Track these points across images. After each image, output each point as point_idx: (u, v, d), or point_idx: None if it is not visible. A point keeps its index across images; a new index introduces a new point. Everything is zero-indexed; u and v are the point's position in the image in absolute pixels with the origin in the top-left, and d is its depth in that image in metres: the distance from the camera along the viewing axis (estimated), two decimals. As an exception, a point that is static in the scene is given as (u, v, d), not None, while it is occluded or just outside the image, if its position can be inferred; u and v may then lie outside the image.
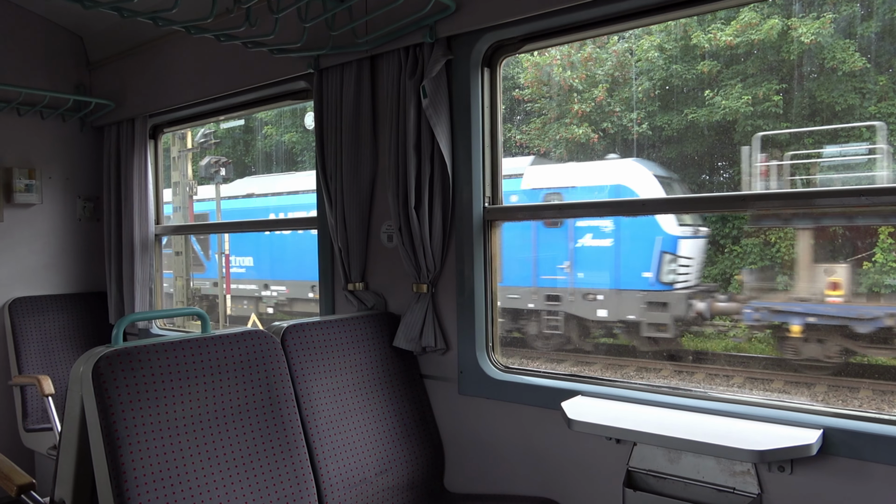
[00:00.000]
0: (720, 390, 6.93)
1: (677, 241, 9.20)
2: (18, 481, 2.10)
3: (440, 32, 2.67)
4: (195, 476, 1.99)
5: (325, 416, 2.47)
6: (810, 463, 2.02)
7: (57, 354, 4.23)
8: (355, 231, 3.03)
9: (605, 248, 9.47)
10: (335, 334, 2.65)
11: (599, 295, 9.45)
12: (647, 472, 2.27)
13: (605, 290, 9.44)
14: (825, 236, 8.98)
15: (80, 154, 4.53)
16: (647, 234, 9.21)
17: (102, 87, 4.42)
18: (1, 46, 4.12)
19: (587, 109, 11.77)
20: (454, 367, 2.81)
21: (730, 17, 10.70)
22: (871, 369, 8.10)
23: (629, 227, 9.29)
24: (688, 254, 9.31)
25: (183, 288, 12.30)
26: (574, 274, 9.67)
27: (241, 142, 18.45)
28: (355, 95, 2.98)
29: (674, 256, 9.13)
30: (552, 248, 9.80)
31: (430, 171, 2.74)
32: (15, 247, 4.24)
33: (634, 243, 9.30)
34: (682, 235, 9.30)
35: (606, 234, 9.46)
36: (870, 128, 8.93)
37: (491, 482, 2.74)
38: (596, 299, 9.45)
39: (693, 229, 9.63)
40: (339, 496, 2.37)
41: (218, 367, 2.16)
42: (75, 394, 1.99)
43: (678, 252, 9.18)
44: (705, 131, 11.10)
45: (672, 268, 9.14)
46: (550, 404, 2.50)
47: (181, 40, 3.86)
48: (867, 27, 9.89)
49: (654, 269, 9.16)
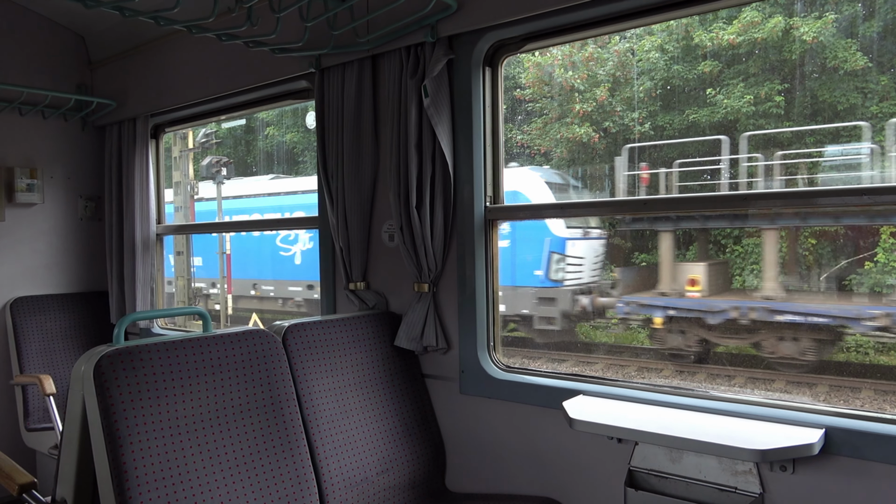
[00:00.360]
0: (722, 390, 7.05)
1: (565, 242, 10.04)
2: (20, 480, 2.11)
3: (441, 32, 2.67)
4: (196, 475, 1.99)
5: (327, 416, 2.47)
6: (812, 462, 2.01)
7: (58, 354, 4.23)
8: (356, 230, 3.03)
9: (504, 248, 10.04)
10: (336, 334, 2.65)
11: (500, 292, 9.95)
12: (648, 472, 2.26)
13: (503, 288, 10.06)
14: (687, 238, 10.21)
15: (81, 153, 4.53)
16: (538, 236, 9.97)
17: (104, 86, 4.42)
18: (3, 46, 4.13)
19: (588, 109, 11.77)
20: (455, 366, 2.81)
21: (731, 16, 10.69)
22: (873, 369, 8.14)
23: (522, 230, 10.09)
24: (576, 254, 10.16)
25: (184, 288, 12.32)
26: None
27: (242, 142, 18.46)
28: (356, 95, 2.98)
29: (562, 256, 10.00)
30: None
31: (431, 171, 2.74)
32: (16, 246, 4.25)
33: (527, 244, 10.05)
34: (570, 237, 10.12)
35: (504, 237, 10.04)
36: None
37: (492, 482, 2.74)
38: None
39: (583, 231, 10.45)
40: (340, 495, 2.37)
41: (219, 367, 2.16)
42: (77, 393, 1.99)
43: (566, 252, 10.04)
44: (707, 131, 11.09)
45: (560, 266, 9.99)
46: (552, 404, 2.50)
47: (183, 40, 3.86)
48: (868, 27, 9.88)
49: (543, 268, 9.99)
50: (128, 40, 4.17)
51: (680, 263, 9.43)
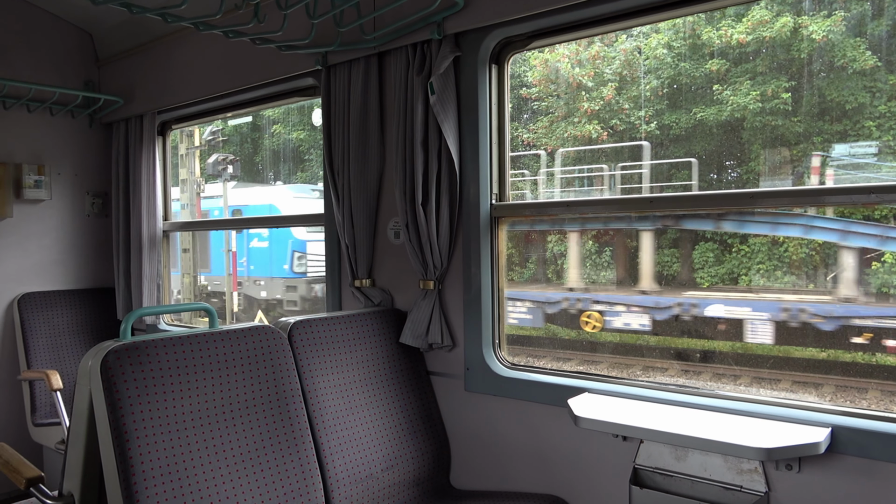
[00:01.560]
0: (728, 389, 7.03)
1: (305, 243, 13.02)
2: (27, 474, 2.12)
3: (448, 29, 2.67)
4: (202, 470, 2.00)
5: (332, 412, 2.47)
6: (818, 461, 2.01)
7: (65, 349, 4.25)
8: (362, 227, 3.03)
9: (264, 248, 13.42)
10: (342, 330, 2.66)
11: (262, 281, 13.58)
12: (653, 470, 2.26)
13: (265, 278, 13.51)
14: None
15: (88, 150, 4.55)
16: (285, 238, 13.06)
17: (111, 83, 4.44)
18: (11, 43, 4.14)
19: (596, 108, 11.74)
20: (461, 363, 2.81)
21: (739, 13, 10.64)
22: (879, 370, 8.11)
23: (274, 234, 13.17)
24: (315, 252, 12.98)
25: (190, 284, 12.36)
26: (248, 266, 13.76)
27: (248, 139, 18.50)
28: (363, 92, 2.98)
29: (302, 254, 13.05)
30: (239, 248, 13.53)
31: (437, 168, 2.74)
32: (24, 242, 4.27)
33: (279, 245, 13.15)
34: (310, 239, 13.03)
35: (262, 238, 13.40)
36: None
37: (497, 479, 2.74)
38: (260, 284, 13.59)
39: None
40: (345, 491, 2.38)
41: (225, 363, 2.17)
42: (83, 388, 2.00)
43: (305, 251, 13.09)
44: (714, 130, 11.06)
45: (301, 262, 13.07)
46: (557, 401, 2.50)
47: (190, 37, 3.87)
48: (877, 25, 9.82)
49: (288, 263, 13.12)
50: (135, 37, 4.18)
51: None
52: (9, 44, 4.13)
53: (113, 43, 4.37)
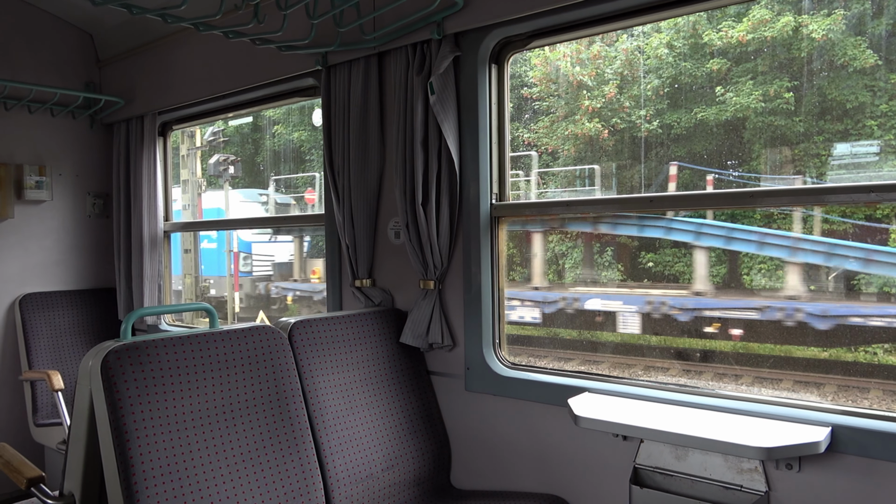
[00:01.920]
0: (729, 388, 7.07)
1: (251, 244, 14.06)
2: (28, 474, 2.12)
3: (448, 29, 2.67)
4: (203, 470, 2.00)
5: (332, 412, 2.47)
6: (818, 461, 2.01)
7: (67, 350, 4.26)
8: (363, 227, 3.03)
9: (213, 249, 13.97)
10: (342, 330, 2.66)
11: (211, 280, 14.21)
12: (653, 469, 2.26)
13: (214, 277, 14.11)
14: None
15: (89, 151, 4.56)
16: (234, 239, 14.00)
17: (112, 84, 4.44)
18: (11, 44, 4.15)
19: (598, 106, 11.74)
20: (461, 363, 2.82)
21: (740, 13, 10.63)
22: (880, 369, 8.12)
23: (222, 236, 13.85)
24: (260, 252, 14.15)
25: (191, 285, 12.37)
26: (199, 265, 13.92)
27: (249, 140, 18.51)
28: (363, 92, 2.99)
29: (248, 255, 14.05)
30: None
31: (437, 168, 2.74)
32: (25, 243, 4.28)
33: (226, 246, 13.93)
34: (255, 241, 14.09)
35: (212, 240, 14.07)
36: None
37: (497, 478, 2.74)
38: (210, 283, 14.16)
39: (270, 236, 14.35)
40: (345, 491, 2.38)
41: (226, 363, 2.17)
42: (84, 388, 2.00)
43: (251, 252, 14.12)
44: (714, 129, 11.05)
45: (248, 262, 14.07)
46: (557, 401, 2.50)
47: (190, 37, 3.87)
48: (877, 24, 9.81)
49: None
50: (135, 38, 4.19)
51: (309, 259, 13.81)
52: (9, 45, 4.14)
53: (113, 44, 4.38)
